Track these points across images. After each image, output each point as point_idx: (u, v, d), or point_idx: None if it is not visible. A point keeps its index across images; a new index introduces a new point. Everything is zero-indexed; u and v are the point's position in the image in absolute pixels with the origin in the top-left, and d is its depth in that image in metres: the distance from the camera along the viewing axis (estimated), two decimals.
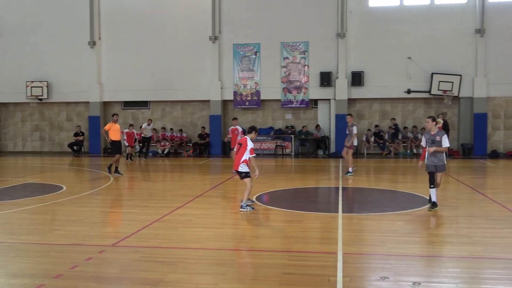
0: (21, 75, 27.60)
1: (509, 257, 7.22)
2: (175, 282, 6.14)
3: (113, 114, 17.81)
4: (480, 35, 23.85)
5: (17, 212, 10.70)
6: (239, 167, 10.77)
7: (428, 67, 24.36)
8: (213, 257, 7.30)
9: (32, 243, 8.17)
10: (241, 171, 10.77)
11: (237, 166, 10.84)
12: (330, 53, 25.08)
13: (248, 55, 25.81)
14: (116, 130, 17.31)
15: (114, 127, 17.27)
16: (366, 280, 6.30)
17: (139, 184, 15.78)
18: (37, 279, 6.27)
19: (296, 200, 12.73)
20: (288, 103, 25.69)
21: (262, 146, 25.80)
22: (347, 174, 16.52)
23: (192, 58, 26.26)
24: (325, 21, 25.07)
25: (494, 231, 8.71)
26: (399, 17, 24.64)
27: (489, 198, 11.98)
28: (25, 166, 22.26)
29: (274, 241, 8.18)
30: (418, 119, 25.37)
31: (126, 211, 11.00)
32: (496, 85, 24.05)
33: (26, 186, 14.86)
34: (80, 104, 28.21)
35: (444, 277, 6.32)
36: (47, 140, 28.97)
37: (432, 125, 10.49)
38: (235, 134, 17.51)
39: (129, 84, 26.84)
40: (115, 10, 26.93)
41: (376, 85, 24.86)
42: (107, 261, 7.08)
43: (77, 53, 27.16)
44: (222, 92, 26.06)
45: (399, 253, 7.32)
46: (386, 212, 10.50)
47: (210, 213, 10.62)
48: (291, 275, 6.37)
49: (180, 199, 12.14)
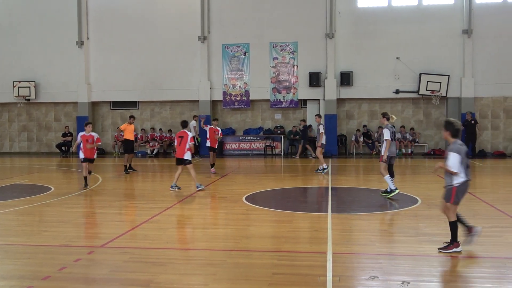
0: (8, 75, 27.36)
1: (497, 256, 7.28)
2: (165, 283, 6.12)
3: (130, 116, 18.76)
4: (467, 36, 24.06)
5: (5, 214, 10.60)
6: (185, 155, 13.01)
7: (416, 68, 24.51)
8: (203, 258, 7.29)
9: (20, 244, 8.10)
10: (185, 159, 13.04)
11: (182, 155, 13.01)
12: (319, 53, 25.15)
13: (237, 55, 25.79)
14: (131, 130, 18.29)
15: (129, 128, 18.17)
16: (356, 279, 6.32)
17: (128, 184, 15.70)
18: (25, 280, 6.21)
19: (285, 200, 12.74)
20: (277, 103, 25.71)
21: (252, 146, 25.79)
22: (318, 171, 17.00)
23: (181, 58, 26.20)
24: (314, 21, 25.13)
25: (483, 230, 8.77)
26: (388, 17, 24.78)
27: (477, 197, 12.07)
28: (12, 167, 22.06)
29: (264, 241, 8.18)
30: (406, 119, 25.53)
31: (115, 212, 10.94)
32: (483, 85, 24.27)
33: (14, 187, 14.73)
34: (68, 105, 28.02)
35: (433, 276, 6.36)
36: (34, 140, 28.74)
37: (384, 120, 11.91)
38: (214, 134, 17.82)
39: (118, 84, 26.71)
40: (103, 9, 26.79)
41: (365, 85, 24.97)
42: (96, 262, 7.04)
43: (65, 53, 26.97)
44: (211, 92, 26.02)
45: (388, 253, 7.35)
46: (376, 212, 10.55)
47: (200, 214, 10.60)
48: (281, 275, 6.37)
49: (170, 199, 12.10)
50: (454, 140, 7.22)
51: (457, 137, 7.25)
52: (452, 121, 7.28)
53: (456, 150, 7.07)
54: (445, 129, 7.28)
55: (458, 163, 7.04)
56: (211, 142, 17.83)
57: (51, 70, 27.15)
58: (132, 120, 18.43)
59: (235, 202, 11.65)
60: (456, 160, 7.03)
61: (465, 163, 7.13)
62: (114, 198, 12.76)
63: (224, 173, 17.63)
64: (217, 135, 17.88)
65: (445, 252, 7.20)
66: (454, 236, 7.24)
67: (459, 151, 7.06)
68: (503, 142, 24.85)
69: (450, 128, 7.22)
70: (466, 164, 7.14)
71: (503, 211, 10.29)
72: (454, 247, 7.21)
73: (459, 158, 7.02)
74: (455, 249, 7.21)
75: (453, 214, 7.26)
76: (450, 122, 7.28)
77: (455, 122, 7.23)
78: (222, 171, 18.19)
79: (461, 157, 7.05)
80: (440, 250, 7.27)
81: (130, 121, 18.31)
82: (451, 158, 7.07)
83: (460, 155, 7.04)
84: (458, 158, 7.02)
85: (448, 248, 7.24)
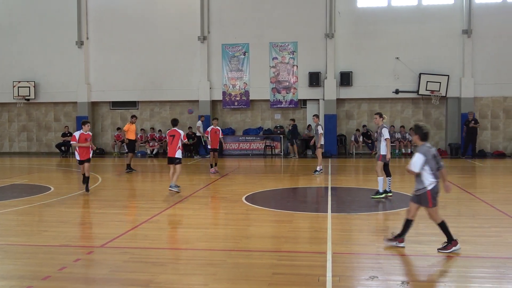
0: (8, 75, 27.34)
1: (496, 255, 7.29)
2: (165, 283, 6.12)
3: (132, 116, 18.95)
4: (467, 36, 24.06)
5: (5, 214, 10.60)
6: (176, 154, 12.88)
7: (416, 68, 24.51)
8: (203, 258, 7.29)
9: (20, 244, 8.10)
10: (177, 157, 12.90)
11: (174, 153, 12.89)
12: (319, 53, 25.15)
13: (237, 55, 25.79)
14: (133, 130, 18.54)
15: (132, 128, 18.40)
16: (356, 279, 6.33)
17: (127, 184, 15.70)
18: (25, 280, 6.21)
19: (285, 200, 12.74)
20: (277, 103, 25.71)
21: (251, 146, 25.79)
22: (315, 173, 16.91)
23: (181, 58, 26.20)
24: (314, 21, 25.13)
25: (482, 230, 8.79)
26: (387, 17, 24.78)
27: (477, 197, 12.08)
28: (12, 167, 22.05)
29: (264, 241, 8.18)
30: (406, 119, 25.54)
31: (115, 212, 10.94)
32: (483, 85, 24.27)
33: (14, 187, 14.73)
34: (68, 104, 28.01)
35: (432, 276, 6.36)
36: (34, 140, 28.73)
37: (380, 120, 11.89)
38: (216, 135, 17.77)
39: (117, 84, 26.70)
40: (103, 9, 26.78)
41: (365, 85, 24.98)
42: (95, 262, 7.04)
43: (64, 53, 26.96)
44: (211, 92, 26.02)
45: (388, 253, 7.36)
46: (375, 212, 10.56)
47: (200, 214, 10.61)
48: (281, 275, 6.37)
49: (169, 199, 12.10)
50: (423, 143, 7.37)
51: (426, 140, 7.41)
52: (421, 125, 7.48)
53: (422, 152, 7.22)
54: (415, 133, 7.47)
55: (421, 164, 7.17)
56: (212, 143, 17.79)
57: (51, 70, 27.14)
58: (134, 119, 18.62)
59: (235, 202, 11.65)
60: (420, 161, 7.17)
61: (434, 165, 7.24)
62: (114, 198, 12.76)
63: (224, 173, 17.63)
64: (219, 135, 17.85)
65: (444, 252, 7.22)
66: (449, 236, 7.29)
67: (425, 153, 7.20)
68: (503, 142, 24.85)
69: (419, 132, 7.41)
70: (436, 165, 7.25)
71: (503, 211, 10.29)
72: (453, 246, 7.23)
73: (423, 160, 7.16)
74: (454, 248, 7.21)
75: (438, 216, 7.36)
76: (419, 126, 7.47)
77: (423, 126, 7.44)
78: (222, 171, 18.18)
79: (426, 159, 7.17)
80: (440, 251, 7.27)
81: (132, 121, 18.51)
82: (414, 158, 7.25)
83: (426, 157, 7.17)
84: (422, 159, 7.16)
85: (447, 248, 7.24)
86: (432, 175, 7.22)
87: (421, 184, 7.28)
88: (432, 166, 7.21)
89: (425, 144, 7.35)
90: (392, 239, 7.54)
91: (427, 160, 7.18)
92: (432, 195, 7.25)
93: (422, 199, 7.32)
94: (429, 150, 7.27)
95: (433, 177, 7.24)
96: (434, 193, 7.27)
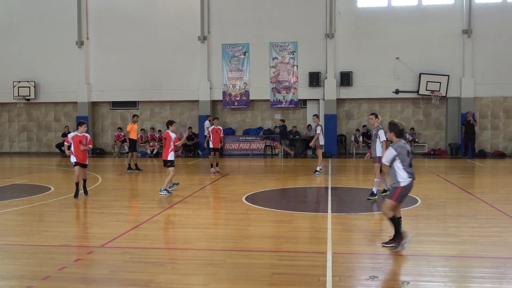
0: (8, 75, 27.36)
1: (497, 255, 7.28)
2: (165, 283, 6.11)
3: (134, 115, 18.96)
4: (467, 36, 24.06)
5: (5, 214, 10.60)
6: (168, 156, 12.72)
7: (416, 68, 24.52)
8: (203, 258, 7.29)
9: (20, 244, 8.09)
10: (170, 159, 12.71)
11: (166, 156, 12.74)
12: (319, 53, 25.16)
13: (237, 55, 25.80)
14: (136, 130, 18.63)
15: (134, 127, 18.49)
16: (356, 279, 6.32)
17: (127, 184, 15.70)
18: (25, 280, 6.21)
19: (285, 200, 12.74)
20: (277, 103, 25.71)
21: (252, 146, 25.80)
22: (315, 173, 16.86)
23: (181, 58, 26.20)
24: (314, 21, 25.14)
25: (482, 230, 8.78)
26: (387, 17, 24.78)
27: (477, 197, 12.08)
28: (12, 167, 22.05)
29: (264, 241, 8.18)
30: (406, 119, 25.51)
31: (115, 212, 10.94)
32: (483, 85, 24.28)
33: (14, 187, 14.73)
34: (68, 104, 28.02)
35: (432, 276, 6.35)
36: (34, 140, 28.73)
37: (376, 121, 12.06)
38: (217, 134, 17.74)
39: (118, 84, 26.71)
40: (103, 9, 26.79)
41: (365, 85, 24.98)
42: (95, 262, 7.04)
43: (65, 53, 26.97)
44: (211, 92, 26.03)
45: (388, 253, 7.35)
46: (375, 212, 10.55)
47: (200, 214, 10.60)
48: (281, 275, 6.37)
49: (169, 199, 12.09)
50: (398, 140, 7.42)
51: (401, 137, 7.45)
52: (396, 122, 7.53)
53: (395, 147, 7.31)
54: (390, 130, 7.48)
55: (391, 158, 7.29)
56: (214, 143, 17.77)
57: (51, 70, 27.15)
58: (136, 118, 18.70)
59: (235, 202, 11.65)
60: (390, 155, 7.29)
61: (408, 162, 7.29)
62: (114, 198, 12.75)
63: (224, 173, 17.63)
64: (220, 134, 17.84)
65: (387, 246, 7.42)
66: (398, 230, 7.40)
67: (397, 148, 7.28)
68: (503, 142, 24.86)
69: (394, 129, 7.44)
70: (409, 163, 7.30)
71: (503, 211, 10.28)
72: (402, 240, 7.31)
73: (394, 154, 7.26)
74: (405, 240, 7.29)
75: (394, 211, 7.43)
76: (394, 123, 7.50)
77: (399, 123, 7.49)
78: (222, 171, 18.18)
79: (398, 154, 7.24)
80: (384, 245, 7.48)
81: (134, 120, 18.60)
82: (387, 151, 7.41)
83: (397, 152, 7.26)
84: (393, 154, 7.26)
85: (390, 242, 7.45)
86: (405, 171, 7.27)
87: (395, 179, 7.36)
88: (405, 161, 7.26)
89: (400, 141, 7.40)
90: (389, 242, 7.50)
91: (399, 155, 7.24)
92: (402, 191, 7.30)
93: (390, 191, 7.48)
94: (403, 146, 7.34)
95: (407, 174, 7.28)
96: (405, 190, 7.32)
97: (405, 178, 7.27)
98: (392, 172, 7.40)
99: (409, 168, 7.30)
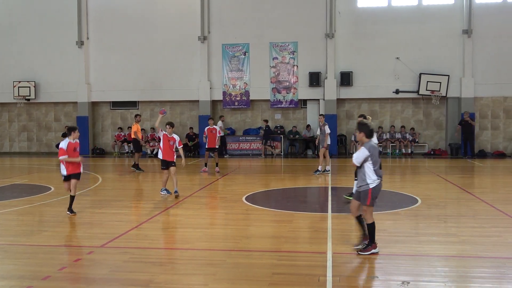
0: (8, 75, 27.35)
1: (497, 255, 7.28)
2: (165, 283, 6.12)
3: (136, 115, 19.12)
4: (467, 36, 24.05)
5: (5, 214, 10.60)
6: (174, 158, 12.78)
7: (416, 68, 24.51)
8: (203, 258, 7.29)
9: (20, 244, 8.09)
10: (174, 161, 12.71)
11: (172, 157, 12.74)
12: (319, 53, 25.15)
13: (237, 55, 25.79)
14: (139, 130, 18.79)
15: (138, 127, 18.65)
16: (356, 279, 6.33)
17: (128, 184, 15.70)
18: (25, 280, 6.21)
19: (285, 200, 12.74)
20: (277, 103, 25.71)
21: (252, 146, 25.79)
22: (316, 173, 16.89)
23: (181, 58, 26.20)
24: (314, 21, 25.13)
25: (482, 230, 8.79)
26: (388, 17, 24.77)
27: (477, 197, 12.08)
28: (12, 167, 22.05)
29: (264, 241, 8.18)
30: (406, 119, 25.54)
31: (115, 212, 10.94)
32: (483, 85, 24.26)
33: (14, 187, 14.73)
34: (68, 104, 28.01)
35: (432, 276, 6.35)
36: (34, 140, 28.73)
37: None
38: (213, 134, 17.79)
39: (118, 84, 26.70)
40: (103, 9, 26.78)
41: (365, 85, 24.97)
42: (96, 262, 7.04)
43: (65, 53, 26.96)
44: (211, 92, 26.02)
45: (388, 252, 7.35)
46: (375, 212, 10.52)
47: (200, 214, 10.60)
48: (281, 275, 6.37)
49: (170, 199, 12.10)
50: (369, 140, 7.24)
51: (371, 137, 7.28)
52: (365, 122, 7.43)
53: (367, 147, 7.14)
54: (360, 131, 7.28)
55: (363, 158, 7.11)
56: (209, 143, 17.78)
57: (51, 70, 27.14)
58: (139, 118, 18.85)
59: (235, 202, 11.65)
60: (363, 155, 7.11)
61: (379, 163, 7.22)
62: (114, 198, 12.76)
63: (224, 173, 17.63)
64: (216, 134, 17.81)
65: (363, 254, 7.13)
66: (372, 237, 7.23)
67: (369, 149, 7.13)
68: (503, 142, 24.84)
69: (364, 129, 7.25)
70: (379, 164, 7.23)
71: (503, 211, 10.28)
72: (372, 248, 7.18)
73: (366, 154, 7.09)
74: (373, 250, 7.17)
75: (371, 216, 7.28)
76: (364, 123, 7.34)
77: (368, 123, 7.38)
78: (222, 171, 18.17)
79: (369, 154, 7.08)
80: (359, 252, 7.19)
81: (138, 119, 18.74)
82: (359, 151, 7.18)
83: (370, 152, 7.09)
84: (366, 154, 7.09)
85: (367, 249, 7.18)
86: (375, 173, 7.16)
87: (364, 181, 7.20)
88: (377, 162, 7.16)
89: (371, 141, 7.26)
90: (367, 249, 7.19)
91: (372, 156, 7.11)
92: (372, 193, 7.20)
93: (362, 196, 7.28)
94: (375, 146, 7.24)
95: (376, 175, 7.18)
96: (376, 191, 7.23)
97: (374, 179, 7.16)
98: (361, 173, 7.24)
99: (379, 170, 7.21)
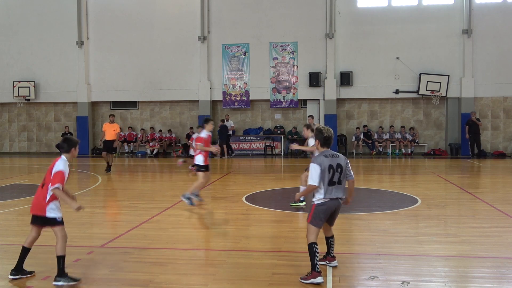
0: (8, 75, 27.36)
1: (497, 256, 7.28)
2: (165, 283, 6.12)
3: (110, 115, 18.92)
4: (467, 36, 24.05)
5: (4, 214, 10.59)
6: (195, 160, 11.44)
7: (416, 68, 24.51)
8: (203, 258, 7.29)
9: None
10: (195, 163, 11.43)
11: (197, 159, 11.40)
12: (319, 53, 25.15)
13: (237, 55, 25.79)
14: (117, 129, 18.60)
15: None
16: (356, 279, 6.32)
17: (128, 184, 15.70)
18: (25, 280, 6.21)
19: (285, 200, 12.71)
20: (277, 103, 25.71)
21: (252, 146, 25.79)
22: None
23: (180, 58, 26.20)
24: (314, 21, 25.13)
25: (482, 230, 8.78)
26: (387, 17, 24.77)
27: (477, 197, 12.08)
28: (12, 167, 22.05)
29: (264, 241, 8.18)
30: (406, 119, 25.54)
31: (115, 212, 10.94)
32: (483, 85, 24.26)
33: (14, 187, 14.72)
34: (68, 104, 28.01)
35: (432, 276, 6.35)
36: (34, 140, 28.73)
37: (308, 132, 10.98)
38: None
39: (118, 84, 26.71)
40: (103, 10, 26.78)
41: (365, 85, 24.98)
42: (95, 262, 7.04)
43: (64, 53, 26.97)
44: (211, 92, 26.02)
45: (388, 253, 7.35)
46: (375, 212, 10.55)
47: (200, 214, 10.60)
48: (281, 275, 6.37)
49: (170, 199, 12.09)
50: (323, 149, 6.24)
51: (328, 146, 6.25)
52: (321, 128, 6.31)
53: (317, 162, 6.07)
54: (315, 138, 6.32)
55: (318, 175, 6.04)
56: None
57: (51, 70, 27.15)
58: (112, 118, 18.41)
59: (235, 202, 11.65)
60: (316, 173, 6.04)
61: (328, 178, 6.07)
62: (114, 198, 12.76)
63: (224, 173, 17.63)
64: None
65: (303, 282, 6.02)
66: (312, 264, 6.06)
67: (320, 163, 6.06)
68: (503, 142, 24.84)
69: (319, 137, 6.24)
70: (329, 178, 6.07)
71: (503, 211, 10.28)
72: (312, 277, 5.97)
73: (319, 171, 6.04)
74: (312, 279, 5.94)
75: (311, 236, 6.16)
76: (320, 130, 6.27)
77: (324, 129, 6.26)
78: (222, 171, 18.17)
79: (321, 170, 6.04)
80: (300, 280, 6.08)
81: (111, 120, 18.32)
82: (310, 170, 6.09)
83: (321, 167, 6.04)
84: (318, 170, 6.04)
85: (307, 277, 6.03)
86: (324, 189, 6.07)
87: (313, 195, 6.22)
88: (324, 179, 6.06)
89: (324, 152, 6.20)
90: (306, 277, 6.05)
91: (321, 171, 6.03)
92: (316, 211, 6.16)
93: (309, 209, 6.38)
94: (325, 159, 6.09)
95: (323, 193, 6.09)
96: (320, 210, 6.15)
97: (319, 197, 6.11)
98: None
99: (329, 186, 6.05)
